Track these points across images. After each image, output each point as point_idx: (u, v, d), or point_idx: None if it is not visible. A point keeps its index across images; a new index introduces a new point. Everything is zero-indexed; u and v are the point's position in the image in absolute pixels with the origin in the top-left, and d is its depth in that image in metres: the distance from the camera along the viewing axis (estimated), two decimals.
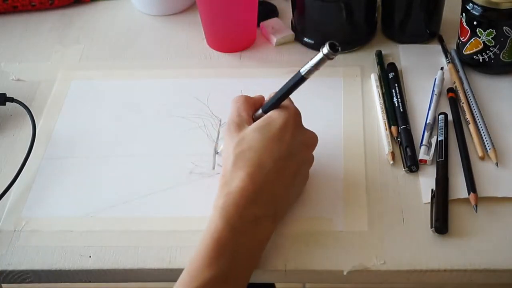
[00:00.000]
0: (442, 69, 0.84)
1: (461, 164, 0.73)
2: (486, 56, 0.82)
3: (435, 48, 0.89)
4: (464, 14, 0.81)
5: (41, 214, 0.72)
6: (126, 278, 0.68)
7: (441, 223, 0.67)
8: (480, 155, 0.74)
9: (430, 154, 0.74)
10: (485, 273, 0.65)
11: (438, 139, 0.75)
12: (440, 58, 0.87)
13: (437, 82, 0.82)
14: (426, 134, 0.76)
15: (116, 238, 0.69)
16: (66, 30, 0.96)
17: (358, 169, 0.74)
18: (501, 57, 0.82)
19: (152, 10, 0.98)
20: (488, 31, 0.80)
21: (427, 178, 0.72)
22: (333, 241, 0.67)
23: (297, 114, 0.68)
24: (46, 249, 0.68)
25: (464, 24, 0.82)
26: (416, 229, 0.68)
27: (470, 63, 0.84)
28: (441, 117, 0.78)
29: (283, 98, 0.68)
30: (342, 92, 0.83)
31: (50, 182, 0.75)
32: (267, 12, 0.95)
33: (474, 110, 0.79)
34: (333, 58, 0.63)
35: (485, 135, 0.76)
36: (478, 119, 0.78)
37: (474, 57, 0.83)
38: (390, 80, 0.83)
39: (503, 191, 0.70)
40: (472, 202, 0.69)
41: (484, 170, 0.73)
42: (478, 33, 0.80)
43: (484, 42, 0.81)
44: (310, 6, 0.87)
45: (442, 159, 0.73)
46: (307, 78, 0.65)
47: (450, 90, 0.82)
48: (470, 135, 0.77)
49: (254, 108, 0.71)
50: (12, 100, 0.82)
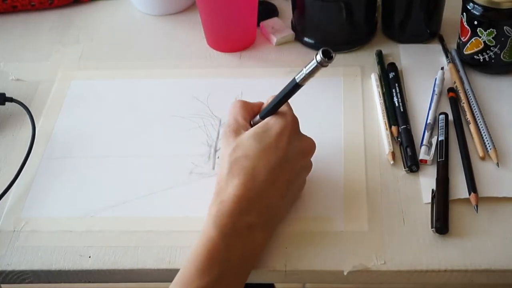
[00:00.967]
0: (442, 69, 0.84)
1: (461, 164, 0.73)
2: (486, 56, 0.82)
3: (436, 48, 0.89)
4: (464, 13, 0.81)
5: (40, 214, 0.72)
6: (126, 278, 0.68)
7: (441, 223, 0.67)
8: (480, 155, 0.74)
9: (431, 154, 0.74)
10: (485, 273, 0.65)
11: (439, 139, 0.75)
12: (440, 58, 0.87)
13: (437, 82, 0.82)
14: (427, 134, 0.76)
15: (116, 238, 0.69)
16: (66, 30, 0.96)
17: (358, 169, 0.74)
18: (501, 57, 0.82)
19: (152, 10, 0.98)
20: (488, 31, 0.79)
21: (428, 178, 0.72)
22: (333, 241, 0.67)
23: (294, 121, 0.67)
24: (46, 249, 0.68)
25: (464, 23, 0.82)
26: (416, 229, 0.68)
27: (470, 63, 0.84)
28: (441, 117, 0.78)
29: (280, 105, 0.67)
30: (342, 92, 0.83)
31: (49, 182, 0.75)
32: (267, 12, 0.95)
33: (475, 110, 0.79)
34: (327, 66, 0.62)
35: (485, 135, 0.76)
36: (479, 119, 0.77)
37: (475, 57, 0.83)
38: (390, 80, 0.83)
39: (504, 191, 0.70)
40: (472, 202, 0.69)
41: (484, 170, 0.73)
42: (478, 33, 0.80)
43: (484, 42, 0.81)
44: (310, 6, 0.87)
45: (443, 159, 0.73)
46: (302, 85, 0.65)
47: (451, 90, 0.82)
48: (471, 135, 0.76)
49: (252, 113, 0.70)
50: (11, 100, 0.82)
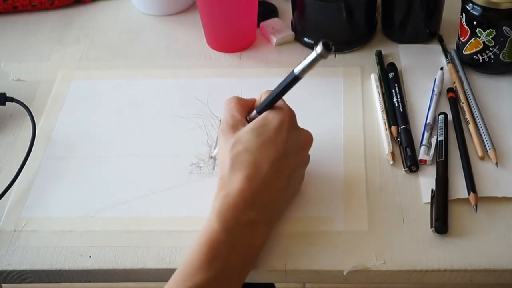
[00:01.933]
0: (442, 69, 0.84)
1: (461, 164, 0.73)
2: (486, 56, 0.82)
3: (435, 48, 0.89)
4: (464, 14, 0.81)
5: (41, 214, 0.72)
6: (126, 278, 0.68)
7: (441, 223, 0.67)
8: (480, 155, 0.74)
9: (430, 154, 0.74)
10: (485, 273, 0.65)
11: (438, 139, 0.75)
12: (440, 58, 0.87)
13: (437, 82, 0.82)
14: (426, 134, 0.76)
15: (116, 238, 0.69)
16: (66, 30, 0.96)
17: (358, 169, 0.74)
18: (501, 57, 0.82)
19: (152, 10, 0.98)
20: (488, 31, 0.80)
21: (427, 178, 0.72)
22: (333, 241, 0.67)
23: (292, 115, 0.67)
24: (46, 249, 0.68)
25: (464, 24, 0.82)
26: (416, 229, 0.68)
27: (470, 63, 0.84)
28: (441, 117, 0.78)
29: (278, 99, 0.67)
30: (342, 92, 0.83)
31: (50, 182, 0.75)
32: (267, 12, 0.95)
33: (474, 110, 0.79)
34: (327, 57, 0.61)
35: (485, 135, 0.76)
36: (478, 119, 0.77)
37: (474, 57, 0.83)
38: (390, 80, 0.83)
39: (503, 191, 0.70)
40: (472, 202, 0.69)
41: (484, 170, 0.73)
42: (478, 33, 0.80)
43: (484, 42, 0.81)
44: (310, 6, 0.87)
45: (442, 159, 0.73)
46: (301, 78, 0.64)
47: (450, 90, 0.82)
48: (470, 135, 0.76)
49: (247, 109, 0.70)
50: (12, 100, 0.82)
